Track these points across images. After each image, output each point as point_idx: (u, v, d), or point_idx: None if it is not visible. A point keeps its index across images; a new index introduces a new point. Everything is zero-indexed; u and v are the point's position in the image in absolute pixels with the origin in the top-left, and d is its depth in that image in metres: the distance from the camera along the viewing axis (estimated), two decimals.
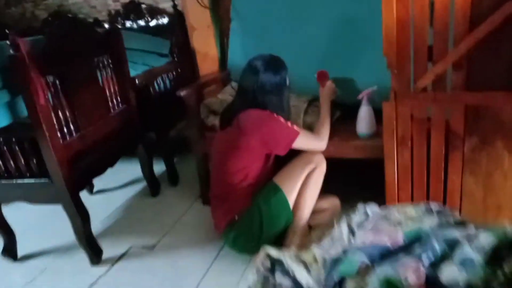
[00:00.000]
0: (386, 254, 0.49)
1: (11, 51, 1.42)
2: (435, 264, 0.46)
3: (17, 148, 1.63)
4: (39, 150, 1.59)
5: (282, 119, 1.61)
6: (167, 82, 2.41)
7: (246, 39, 2.22)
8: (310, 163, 1.66)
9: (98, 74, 1.91)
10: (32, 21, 3.08)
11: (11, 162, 1.67)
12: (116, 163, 2.03)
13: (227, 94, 2.12)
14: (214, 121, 1.97)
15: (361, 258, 0.49)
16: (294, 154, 1.70)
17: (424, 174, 1.51)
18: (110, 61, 1.98)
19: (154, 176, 2.37)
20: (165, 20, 2.60)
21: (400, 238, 0.49)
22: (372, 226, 0.56)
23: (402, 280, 0.45)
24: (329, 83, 1.82)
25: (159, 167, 2.45)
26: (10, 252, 1.92)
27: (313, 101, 1.95)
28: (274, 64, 1.64)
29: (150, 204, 2.30)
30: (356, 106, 1.74)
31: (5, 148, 1.63)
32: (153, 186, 2.36)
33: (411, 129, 1.47)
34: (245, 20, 2.22)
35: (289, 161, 1.69)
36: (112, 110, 1.99)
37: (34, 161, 1.65)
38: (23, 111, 1.57)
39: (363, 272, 0.49)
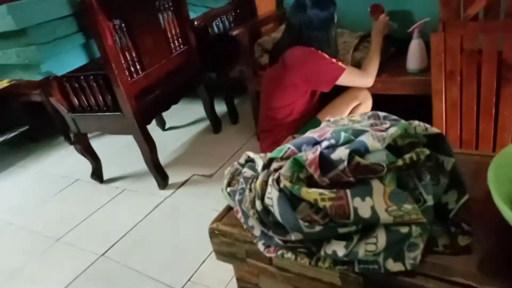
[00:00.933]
0: (312, 144, 0.57)
1: None
2: (333, 147, 0.53)
3: (94, 85, 1.89)
4: (111, 87, 1.83)
5: (326, 56, 1.62)
6: (226, 23, 2.50)
7: None
8: (355, 99, 1.68)
9: (160, 17, 2.06)
10: None
11: (91, 98, 1.94)
12: (179, 101, 2.23)
13: (281, 33, 2.15)
14: (267, 59, 2.04)
15: (289, 146, 0.58)
16: (341, 91, 1.73)
17: (474, 110, 1.45)
18: (170, 4, 2.11)
19: (216, 114, 2.55)
20: None
21: (328, 133, 0.56)
22: (319, 128, 0.63)
23: (304, 158, 0.53)
24: (382, 17, 1.76)
25: (221, 107, 2.63)
26: (97, 175, 2.28)
27: (366, 37, 1.91)
28: (322, 0, 1.63)
29: (211, 139, 2.51)
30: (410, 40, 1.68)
31: (85, 84, 1.90)
32: (215, 124, 2.56)
33: (460, 63, 1.40)
34: None
35: (335, 97, 1.73)
36: (173, 51, 2.16)
37: (109, 97, 1.91)
38: (97, 52, 1.79)
39: (287, 156, 0.58)
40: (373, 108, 1.70)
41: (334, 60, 1.63)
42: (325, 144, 0.55)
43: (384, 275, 0.53)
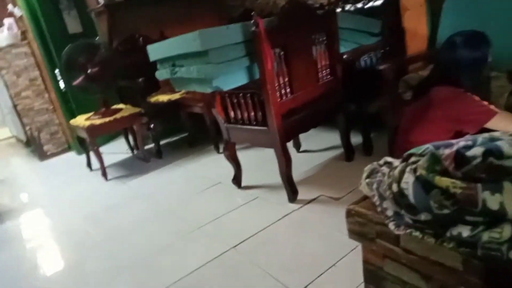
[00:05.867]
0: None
1: (253, 28, 1.94)
2: (469, 147, 0.58)
3: (249, 101, 2.20)
4: (263, 105, 2.11)
5: (476, 98, 1.59)
6: (374, 59, 2.61)
7: (459, 17, 2.18)
8: None
9: (313, 48, 2.30)
10: (273, 9, 3.77)
11: (245, 112, 2.26)
12: (318, 125, 2.41)
13: (428, 71, 2.17)
14: (410, 96, 2.07)
15: (428, 146, 0.66)
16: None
17: None
18: (324, 38, 2.34)
19: (350, 144, 2.65)
20: (379, 2, 2.78)
21: (475, 138, 0.63)
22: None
23: (441, 153, 0.60)
24: None
25: (356, 138, 2.72)
26: (237, 181, 2.59)
27: None
28: (475, 39, 1.62)
29: (343, 166, 2.61)
30: None
31: (242, 100, 2.23)
32: (348, 152, 2.65)
33: None
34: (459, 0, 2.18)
35: None
36: (320, 80, 2.36)
37: (259, 113, 2.19)
38: (257, 74, 2.09)
39: (425, 153, 0.66)
40: None
41: (485, 102, 1.59)
42: (462, 144, 0.63)
43: (506, 263, 0.57)
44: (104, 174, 3.21)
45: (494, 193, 0.57)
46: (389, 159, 0.82)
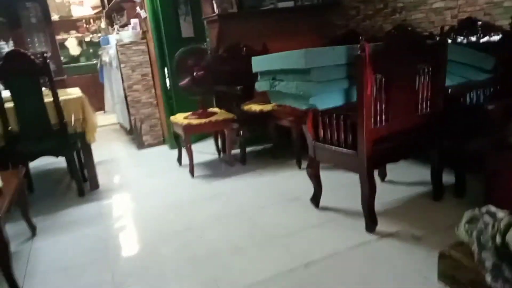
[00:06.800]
0: None
1: (359, 52, 1.95)
2: None
3: (341, 123, 2.21)
4: (355, 128, 2.11)
5: None
6: (482, 96, 2.44)
7: None
8: None
9: (417, 78, 2.23)
10: (379, 32, 3.73)
11: (335, 133, 2.27)
12: (409, 156, 2.33)
13: None
14: None
15: None
16: None
17: None
18: (430, 69, 2.26)
19: (441, 182, 2.50)
20: (496, 37, 2.59)
21: None
22: None
23: None
24: None
25: (448, 178, 2.55)
26: (315, 200, 2.59)
27: None
28: None
29: (429, 204, 2.47)
30: None
31: (334, 121, 2.25)
32: (437, 191, 2.50)
33: None
34: None
35: None
36: (419, 111, 2.28)
37: (350, 136, 2.18)
38: (354, 97, 2.10)
39: None
40: None
41: None
42: None
43: None
44: (192, 170, 3.43)
45: None
46: (492, 208, 0.79)
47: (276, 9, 3.96)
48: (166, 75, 4.27)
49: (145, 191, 3.30)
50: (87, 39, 7.98)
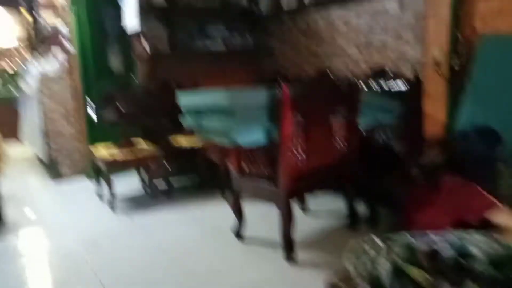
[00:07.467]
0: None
1: (278, 94, 2.08)
2: (444, 246, 0.63)
3: (263, 159, 2.29)
4: (275, 163, 2.19)
5: (481, 190, 1.62)
6: (391, 136, 2.69)
7: (478, 111, 2.26)
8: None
9: (333, 119, 2.41)
10: (304, 76, 3.99)
11: (256, 167, 2.34)
12: (326, 190, 2.45)
13: (442, 158, 2.22)
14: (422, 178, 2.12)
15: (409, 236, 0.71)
16: None
17: None
18: (346, 112, 2.45)
19: (356, 213, 2.67)
20: (403, 85, 2.92)
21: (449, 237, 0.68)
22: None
23: (417, 246, 0.65)
24: None
25: (363, 209, 2.73)
26: (238, 232, 2.61)
27: None
28: (488, 135, 1.69)
29: (346, 235, 2.59)
30: None
31: (256, 157, 2.33)
32: (352, 222, 2.67)
33: None
34: (481, 95, 2.28)
35: None
36: (336, 148, 2.44)
37: (270, 170, 2.26)
38: (275, 136, 2.20)
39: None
40: None
41: (490, 196, 1.61)
42: (438, 241, 0.68)
43: None
44: (112, 204, 3.29)
45: None
46: (375, 238, 0.87)
47: (209, 51, 4.09)
48: (90, 109, 4.13)
49: (60, 226, 3.09)
50: (11, 71, 7.56)
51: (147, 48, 3.78)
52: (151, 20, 3.82)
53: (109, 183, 3.27)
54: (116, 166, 3.29)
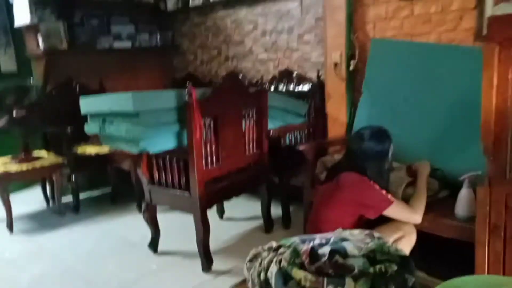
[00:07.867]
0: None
1: (186, 97, 2.03)
2: (322, 245, 0.68)
3: (175, 166, 2.23)
4: (186, 169, 2.15)
5: (377, 187, 1.76)
6: (298, 137, 2.81)
7: (372, 110, 2.48)
8: (398, 231, 1.76)
9: (243, 122, 2.43)
10: (215, 77, 3.97)
11: (169, 175, 2.27)
12: (241, 194, 2.48)
13: (341, 156, 2.38)
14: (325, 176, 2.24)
15: (295, 239, 0.75)
16: (389, 219, 1.83)
17: None
18: (254, 114, 2.50)
19: (270, 216, 2.74)
20: (308, 87, 3.07)
21: (329, 237, 0.72)
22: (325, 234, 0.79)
23: (300, 248, 0.69)
24: (424, 160, 1.93)
25: (277, 210, 2.81)
26: (154, 245, 2.51)
27: None
28: (379, 135, 1.84)
29: (261, 238, 2.65)
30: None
31: (168, 164, 2.25)
32: (268, 224, 2.73)
33: (504, 218, 1.47)
34: (374, 95, 2.50)
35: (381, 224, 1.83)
36: (247, 152, 2.48)
37: (183, 178, 2.22)
38: (185, 140, 2.15)
39: (292, 245, 0.74)
40: (418, 244, 1.76)
41: (384, 192, 1.76)
42: (317, 241, 0.72)
43: None
44: (10, 225, 2.95)
45: (337, 287, 0.65)
46: (274, 244, 0.90)
47: (113, 48, 3.85)
48: None
49: None
50: None
51: (41, 44, 3.42)
52: (45, 12, 3.46)
53: (5, 201, 2.91)
54: (11, 179, 2.95)
